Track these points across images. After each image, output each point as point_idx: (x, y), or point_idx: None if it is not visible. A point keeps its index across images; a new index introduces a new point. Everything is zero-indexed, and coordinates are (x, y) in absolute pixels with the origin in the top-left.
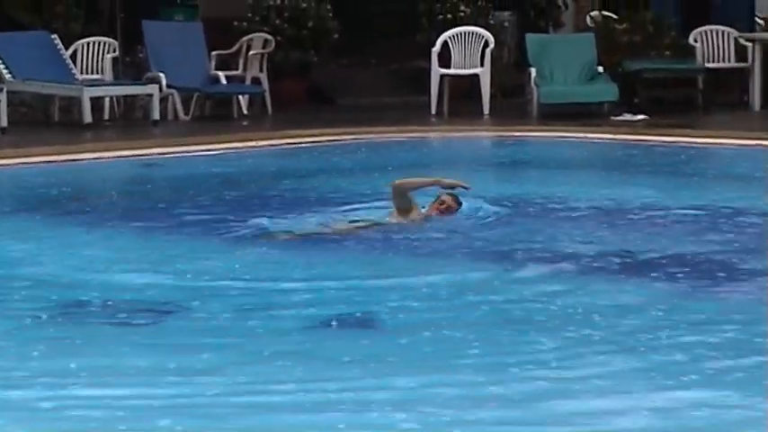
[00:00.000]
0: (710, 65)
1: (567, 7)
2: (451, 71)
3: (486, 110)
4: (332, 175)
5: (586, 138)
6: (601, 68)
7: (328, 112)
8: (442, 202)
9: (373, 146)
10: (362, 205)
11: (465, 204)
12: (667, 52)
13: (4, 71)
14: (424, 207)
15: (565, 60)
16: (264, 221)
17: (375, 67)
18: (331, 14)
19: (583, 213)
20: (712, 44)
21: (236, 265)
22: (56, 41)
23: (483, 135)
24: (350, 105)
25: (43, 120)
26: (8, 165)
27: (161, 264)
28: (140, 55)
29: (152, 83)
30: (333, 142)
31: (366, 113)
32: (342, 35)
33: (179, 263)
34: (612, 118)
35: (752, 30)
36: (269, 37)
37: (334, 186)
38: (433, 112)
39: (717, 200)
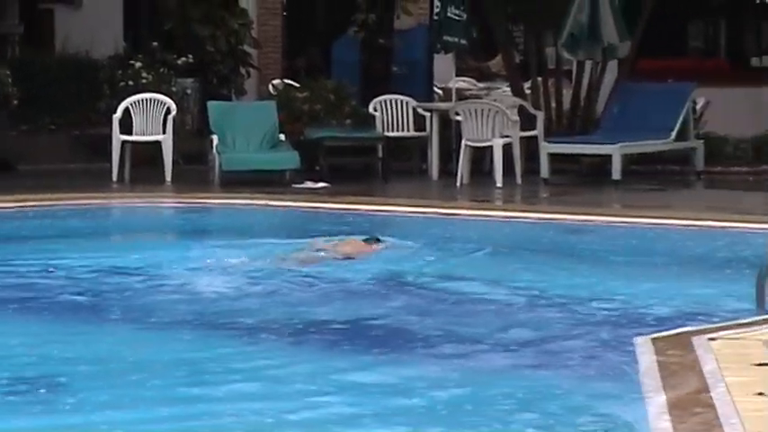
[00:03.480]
0: (390, 133)
1: (249, 75)
2: (133, 138)
3: (169, 177)
4: (7, 243)
5: (268, 205)
6: (282, 136)
7: (8, 178)
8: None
9: (53, 213)
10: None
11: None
12: (348, 121)
13: None
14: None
15: (247, 128)
16: None
17: (56, 134)
18: (10, 80)
19: (249, 278)
20: (392, 113)
21: None
22: None
23: (164, 202)
24: (30, 172)
25: None
26: None
27: None
28: None
29: None
30: (12, 209)
31: (47, 180)
32: (21, 101)
33: None
34: (294, 185)
35: (430, 99)
36: None
37: (9, 254)
38: (115, 178)
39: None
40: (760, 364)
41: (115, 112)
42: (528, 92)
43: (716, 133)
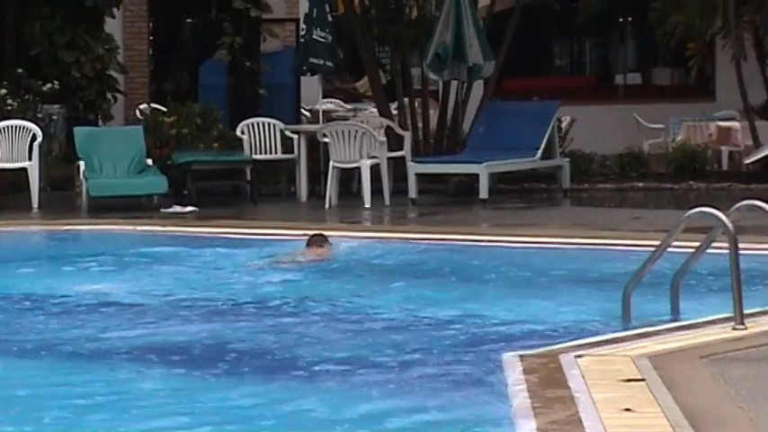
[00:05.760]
0: (258, 156)
1: (115, 100)
2: None
3: (36, 204)
4: None
5: (135, 230)
6: (150, 161)
7: None
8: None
9: None
10: None
11: None
12: (215, 144)
13: None
14: None
15: (114, 153)
16: None
17: None
18: None
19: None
20: (259, 136)
21: None
22: None
23: (31, 229)
24: None
25: None
26: None
27: None
28: None
29: None
30: None
31: None
32: None
33: None
34: (162, 210)
35: (297, 121)
36: None
37: None
38: None
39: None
40: (627, 380)
41: None
42: (395, 112)
43: (582, 151)
